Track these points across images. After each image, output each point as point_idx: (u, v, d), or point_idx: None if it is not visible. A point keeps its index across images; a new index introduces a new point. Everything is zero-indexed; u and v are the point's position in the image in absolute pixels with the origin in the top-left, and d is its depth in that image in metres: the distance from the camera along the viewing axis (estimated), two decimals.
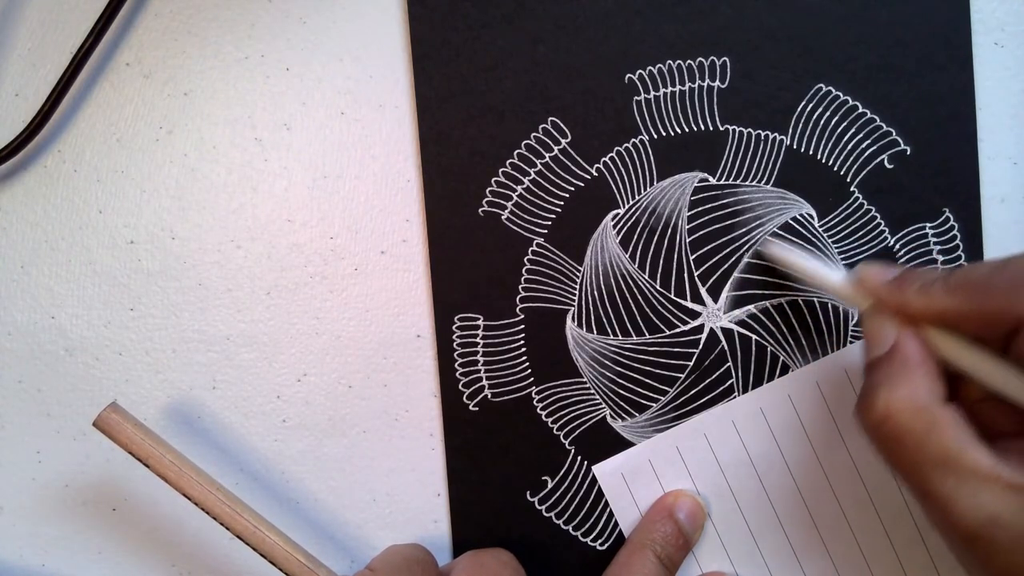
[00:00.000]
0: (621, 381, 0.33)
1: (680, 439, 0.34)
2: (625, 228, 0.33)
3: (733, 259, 0.33)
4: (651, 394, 0.34)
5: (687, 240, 0.33)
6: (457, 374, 0.33)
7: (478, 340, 0.33)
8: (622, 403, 0.34)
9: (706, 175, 0.33)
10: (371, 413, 0.34)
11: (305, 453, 0.34)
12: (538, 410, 0.33)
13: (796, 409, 0.34)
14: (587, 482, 0.34)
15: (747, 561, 0.34)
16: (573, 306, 0.33)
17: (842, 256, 0.34)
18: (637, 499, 0.34)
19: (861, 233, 0.33)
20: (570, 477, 0.34)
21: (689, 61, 0.33)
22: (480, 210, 0.33)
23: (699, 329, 0.33)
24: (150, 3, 0.34)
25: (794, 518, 0.34)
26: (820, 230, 0.33)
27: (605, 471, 0.34)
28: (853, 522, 0.34)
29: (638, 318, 0.33)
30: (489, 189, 0.33)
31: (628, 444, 0.34)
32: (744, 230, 0.33)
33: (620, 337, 0.33)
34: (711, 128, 0.33)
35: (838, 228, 0.33)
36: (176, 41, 0.34)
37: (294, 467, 0.34)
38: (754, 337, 0.34)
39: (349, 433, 0.34)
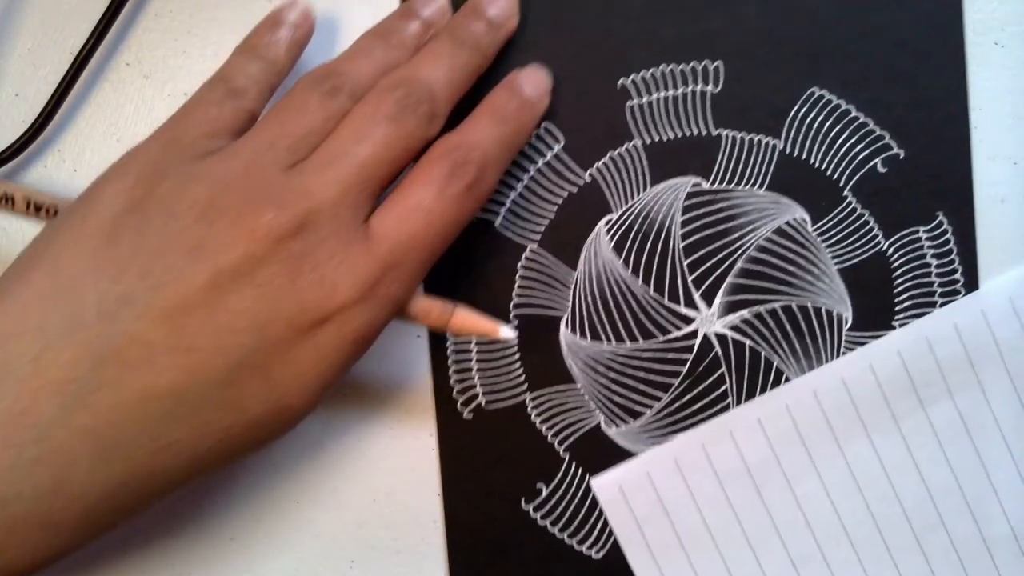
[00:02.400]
0: (615, 387, 0.33)
1: (678, 451, 0.33)
2: (618, 233, 0.33)
3: (727, 264, 0.33)
4: (646, 400, 0.33)
5: (680, 245, 0.33)
6: (451, 381, 0.33)
7: (472, 347, 0.33)
8: (616, 409, 0.33)
9: (699, 180, 0.33)
10: (371, 413, 0.34)
11: (305, 453, 0.34)
12: (532, 417, 0.33)
13: (794, 419, 0.33)
14: (582, 489, 0.33)
15: (747, 574, 0.33)
16: (567, 312, 0.33)
17: (836, 260, 0.33)
18: (635, 512, 0.33)
19: (855, 237, 0.33)
20: (564, 484, 0.34)
21: (682, 65, 0.33)
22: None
23: (693, 335, 0.33)
24: (150, 3, 0.34)
25: (793, 529, 0.33)
26: (813, 234, 0.33)
27: (603, 484, 0.33)
28: (852, 533, 0.33)
29: (632, 324, 0.33)
30: None
31: (623, 450, 0.33)
32: (738, 235, 0.33)
33: (614, 343, 0.33)
34: (704, 133, 0.33)
35: (831, 232, 0.33)
36: (176, 41, 0.34)
37: (294, 467, 0.34)
38: (748, 342, 0.33)
39: (349, 433, 0.34)
